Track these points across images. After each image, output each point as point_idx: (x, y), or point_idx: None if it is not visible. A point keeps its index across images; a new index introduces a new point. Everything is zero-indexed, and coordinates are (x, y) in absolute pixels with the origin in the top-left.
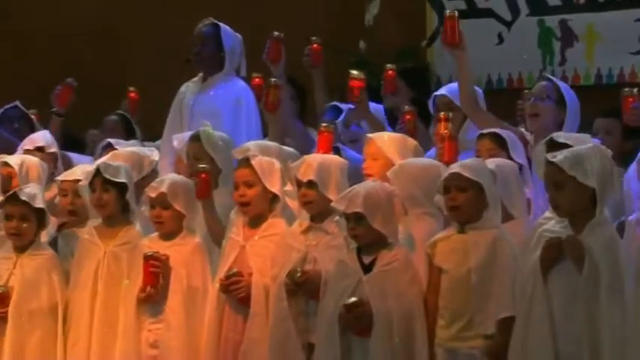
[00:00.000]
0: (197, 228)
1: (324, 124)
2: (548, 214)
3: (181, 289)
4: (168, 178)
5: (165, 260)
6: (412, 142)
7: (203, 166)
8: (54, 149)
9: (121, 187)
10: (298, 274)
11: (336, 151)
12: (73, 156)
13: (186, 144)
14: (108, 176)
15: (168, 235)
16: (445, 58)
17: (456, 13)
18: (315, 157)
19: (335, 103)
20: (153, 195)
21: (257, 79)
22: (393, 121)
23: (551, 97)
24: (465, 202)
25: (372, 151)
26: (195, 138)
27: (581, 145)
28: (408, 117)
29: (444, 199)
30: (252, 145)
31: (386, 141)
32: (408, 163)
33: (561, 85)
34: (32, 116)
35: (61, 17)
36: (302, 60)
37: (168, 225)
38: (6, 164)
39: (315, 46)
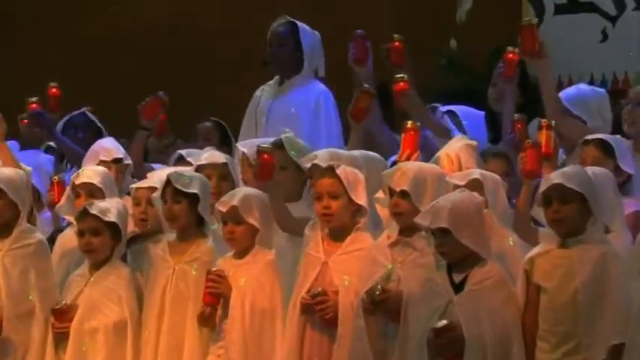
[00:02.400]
0: (271, 243)
1: (409, 122)
2: None
3: (242, 316)
4: (240, 190)
5: (225, 279)
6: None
7: (266, 146)
8: (129, 161)
9: (194, 199)
10: (377, 292)
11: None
12: (157, 167)
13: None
14: (179, 186)
15: (243, 253)
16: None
17: (535, 20)
18: (412, 166)
19: (434, 105)
20: (224, 209)
21: None
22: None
23: None
24: (569, 215)
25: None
26: (278, 146)
27: None
28: (519, 126)
29: (545, 211)
30: (320, 153)
31: (455, 147)
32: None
33: None
34: (100, 125)
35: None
36: (383, 59)
37: (242, 241)
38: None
39: (396, 44)
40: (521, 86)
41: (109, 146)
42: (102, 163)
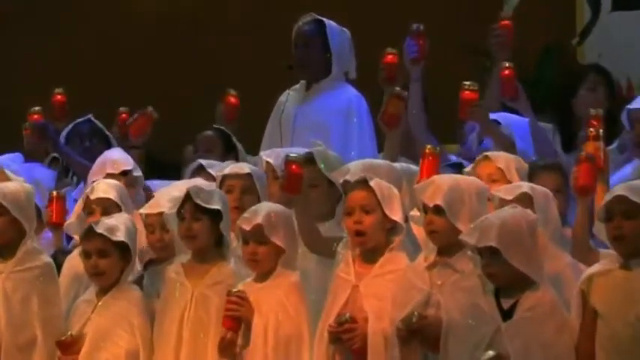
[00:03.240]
0: (296, 264)
1: (428, 146)
2: None
3: (265, 344)
4: (264, 206)
5: (247, 301)
6: (525, 165)
7: (295, 155)
8: (139, 172)
9: (215, 216)
10: (414, 319)
11: (459, 167)
12: (154, 184)
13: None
14: (200, 202)
15: (265, 276)
16: (602, 58)
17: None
18: (446, 179)
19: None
20: (247, 228)
21: None
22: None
23: None
24: (633, 232)
25: (491, 172)
26: (308, 161)
27: None
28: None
29: (606, 227)
30: (353, 165)
31: (506, 161)
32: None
33: None
34: (108, 133)
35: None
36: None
37: (266, 263)
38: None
39: (389, 57)
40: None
41: (116, 157)
42: (109, 176)
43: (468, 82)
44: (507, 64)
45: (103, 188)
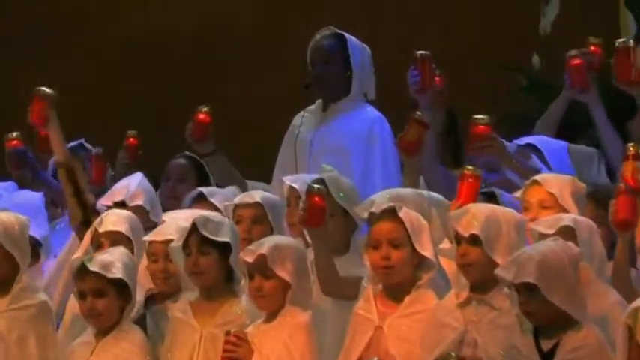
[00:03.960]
0: (309, 303)
1: (468, 167)
2: None
3: None
4: (272, 238)
5: (246, 342)
6: (582, 185)
7: (318, 186)
8: (140, 202)
9: (224, 249)
10: None
11: (491, 196)
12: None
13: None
14: (207, 234)
15: (274, 315)
16: None
17: (631, 42)
18: (483, 208)
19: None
20: (250, 260)
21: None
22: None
23: None
24: None
25: (542, 198)
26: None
27: None
28: None
29: None
30: (379, 197)
31: (559, 185)
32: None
33: None
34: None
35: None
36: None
37: (273, 299)
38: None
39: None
40: None
41: (119, 187)
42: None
43: (479, 116)
44: (575, 53)
45: (113, 220)
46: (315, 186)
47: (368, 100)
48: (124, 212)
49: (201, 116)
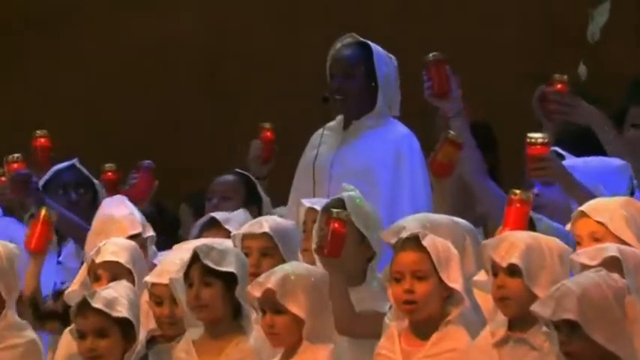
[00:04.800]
0: (331, 337)
1: (515, 191)
2: None
3: None
4: (282, 268)
5: None
6: None
7: (339, 210)
8: (151, 232)
9: (230, 280)
10: None
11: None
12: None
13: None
14: (209, 263)
15: (292, 353)
16: None
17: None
18: (523, 235)
19: (555, 148)
20: (257, 294)
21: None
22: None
23: None
24: None
25: (592, 230)
26: (335, 207)
27: None
28: None
29: None
30: (410, 221)
31: (608, 212)
32: None
33: None
34: (96, 181)
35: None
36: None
37: (286, 336)
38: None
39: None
40: None
41: (122, 215)
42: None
43: (535, 135)
44: (559, 77)
45: (112, 250)
46: (336, 210)
47: (392, 116)
48: (124, 241)
49: (268, 134)
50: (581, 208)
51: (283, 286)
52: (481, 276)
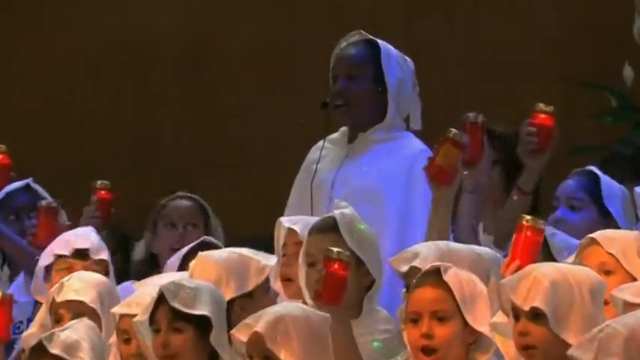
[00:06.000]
0: None
1: (526, 217)
2: None
3: None
4: (273, 308)
5: None
6: None
7: (338, 250)
8: (104, 255)
9: (203, 324)
10: None
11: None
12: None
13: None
14: (179, 306)
15: None
16: None
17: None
18: (548, 270)
19: (590, 167)
20: (243, 338)
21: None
22: None
23: None
24: None
25: (602, 261)
26: (326, 227)
27: None
28: None
29: None
30: (425, 248)
31: (621, 245)
32: None
33: None
34: (55, 204)
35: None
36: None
37: None
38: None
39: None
40: None
41: (70, 234)
42: (60, 258)
43: (544, 105)
44: (543, 107)
45: (76, 287)
46: (336, 250)
47: (411, 129)
48: (92, 275)
49: (102, 192)
50: (593, 235)
51: (274, 330)
52: (500, 316)
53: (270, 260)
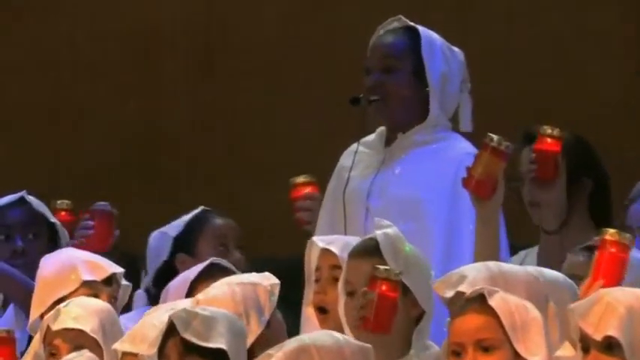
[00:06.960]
0: None
1: (609, 230)
2: None
3: None
4: (299, 339)
5: None
6: None
7: (386, 268)
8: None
9: (220, 358)
10: None
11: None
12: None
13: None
14: (191, 338)
15: None
16: None
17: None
18: (622, 295)
19: None
20: None
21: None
22: None
23: None
24: None
25: None
26: (366, 251)
27: None
28: None
29: None
30: (473, 270)
31: None
32: None
33: None
34: (54, 219)
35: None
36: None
37: None
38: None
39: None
40: None
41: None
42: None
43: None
44: (550, 131)
45: (75, 314)
46: (383, 268)
47: (460, 130)
48: (93, 302)
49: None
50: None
51: None
52: (566, 350)
53: (270, 279)
